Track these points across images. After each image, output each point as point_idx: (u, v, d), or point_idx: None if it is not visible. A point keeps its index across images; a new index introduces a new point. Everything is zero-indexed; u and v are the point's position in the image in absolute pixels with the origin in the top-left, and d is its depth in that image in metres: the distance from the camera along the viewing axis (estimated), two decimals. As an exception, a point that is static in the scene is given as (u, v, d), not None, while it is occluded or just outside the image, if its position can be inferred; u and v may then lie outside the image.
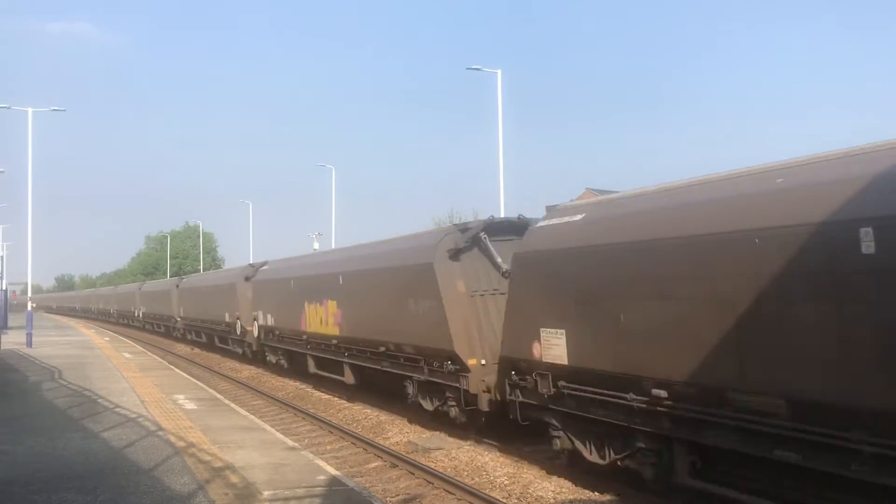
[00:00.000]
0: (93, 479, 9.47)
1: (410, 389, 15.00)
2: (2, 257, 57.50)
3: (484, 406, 12.60)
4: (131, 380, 20.62)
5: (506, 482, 11.03)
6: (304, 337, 20.98)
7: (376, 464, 12.65)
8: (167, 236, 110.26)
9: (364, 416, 16.99)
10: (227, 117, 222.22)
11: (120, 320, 64.05)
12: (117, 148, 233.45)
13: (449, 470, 11.86)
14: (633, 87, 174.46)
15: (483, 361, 12.65)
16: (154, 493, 8.84)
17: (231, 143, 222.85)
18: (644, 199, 9.48)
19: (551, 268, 10.39)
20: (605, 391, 9.33)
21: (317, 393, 20.78)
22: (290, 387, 22.57)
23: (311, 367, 20.92)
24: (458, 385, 13.02)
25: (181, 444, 11.72)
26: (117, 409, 15.15)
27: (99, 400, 16.54)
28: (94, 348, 33.47)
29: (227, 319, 29.89)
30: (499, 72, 31.47)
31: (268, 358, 25.38)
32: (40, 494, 8.78)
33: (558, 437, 10.69)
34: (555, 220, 10.89)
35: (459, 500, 10.23)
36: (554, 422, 10.71)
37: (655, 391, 8.49)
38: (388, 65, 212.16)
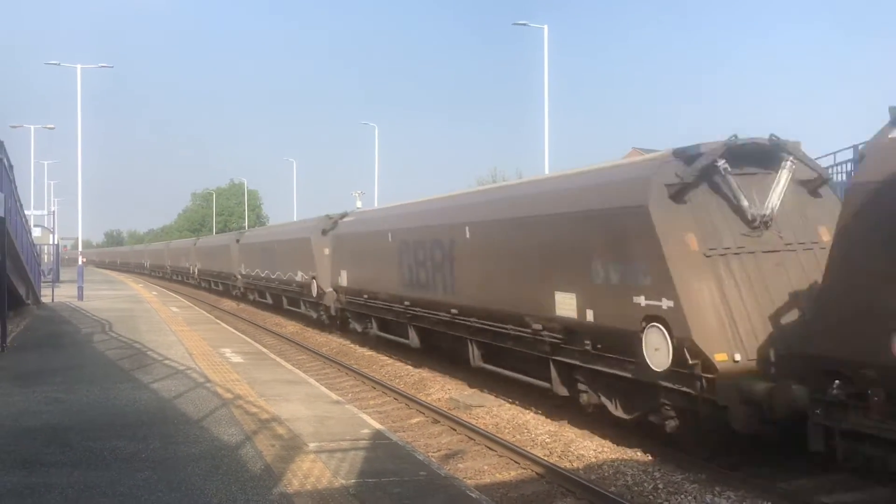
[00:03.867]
0: (143, 428, 9.73)
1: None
2: (54, 212, 58.93)
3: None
4: (179, 333, 21.05)
5: (547, 440, 11.08)
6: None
7: (418, 419, 12.79)
8: (213, 193, 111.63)
9: (406, 372, 17.16)
10: (273, 75, 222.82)
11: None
12: (165, 105, 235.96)
13: (490, 427, 11.95)
14: (682, 44, 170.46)
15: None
16: (202, 442, 9.05)
17: (276, 101, 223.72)
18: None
19: None
20: None
21: (360, 349, 21.04)
22: (334, 343, 22.87)
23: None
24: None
25: (228, 395, 11.96)
26: (166, 362, 15.50)
27: (148, 352, 16.93)
28: (143, 302, 34.21)
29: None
30: (545, 27, 31.03)
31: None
32: (95, 441, 9.05)
33: None
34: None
35: (500, 456, 10.31)
36: None
37: None
38: (434, 20, 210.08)
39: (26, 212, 33.54)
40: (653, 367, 9.21)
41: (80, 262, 39.03)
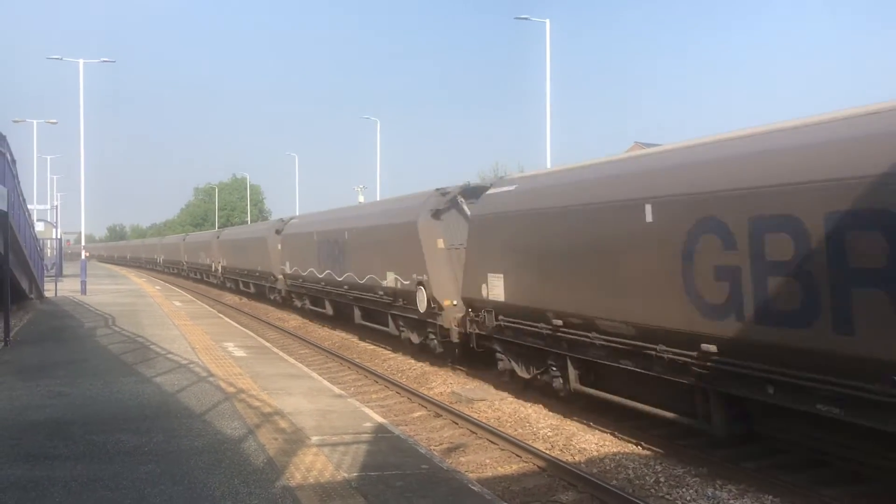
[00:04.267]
0: (146, 422, 9.76)
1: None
2: (56, 207, 58.97)
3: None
4: (182, 327, 21.09)
5: (549, 434, 11.11)
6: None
7: (420, 413, 12.82)
8: (215, 188, 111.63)
9: (408, 366, 17.20)
10: (275, 70, 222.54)
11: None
12: (168, 101, 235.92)
13: (492, 421, 11.98)
14: (682, 39, 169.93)
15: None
16: (206, 436, 9.08)
17: (278, 96, 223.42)
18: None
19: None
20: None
21: (362, 343, 21.07)
22: (335, 337, 22.91)
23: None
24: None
25: (231, 389, 12.00)
26: (169, 356, 15.53)
27: (151, 346, 16.97)
28: (146, 296, 34.27)
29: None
30: (547, 21, 30.98)
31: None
32: (97, 435, 9.08)
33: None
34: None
35: (503, 450, 10.33)
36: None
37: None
38: (436, 15, 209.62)
39: (29, 206, 33.57)
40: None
41: (82, 257, 39.11)
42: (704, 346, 8.46)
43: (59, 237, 55.13)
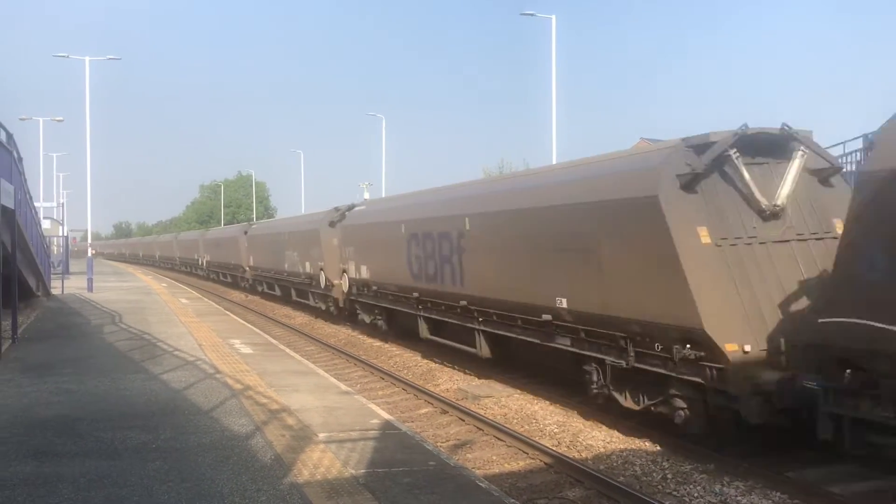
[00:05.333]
0: (154, 419, 9.78)
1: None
2: (63, 204, 59.16)
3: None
4: (188, 324, 21.13)
5: (555, 430, 11.11)
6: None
7: (427, 410, 12.83)
8: (221, 185, 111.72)
9: (414, 363, 17.21)
10: (280, 67, 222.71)
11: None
12: (174, 98, 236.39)
13: (499, 417, 11.98)
14: (686, 34, 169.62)
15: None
16: (213, 433, 9.10)
17: (284, 93, 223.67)
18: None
19: None
20: None
21: (368, 340, 21.09)
22: (342, 334, 22.93)
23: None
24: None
25: (238, 386, 12.02)
26: (176, 353, 15.56)
27: (158, 343, 17.01)
28: (152, 294, 34.33)
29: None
30: (553, 17, 30.87)
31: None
32: (105, 432, 9.11)
33: None
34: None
35: (509, 446, 10.33)
36: None
37: None
38: (441, 10, 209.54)
39: (35, 204, 33.67)
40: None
41: (89, 254, 39.20)
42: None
43: (65, 234, 55.28)
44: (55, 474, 7.47)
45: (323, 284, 24.58)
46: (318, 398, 11.33)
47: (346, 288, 22.31)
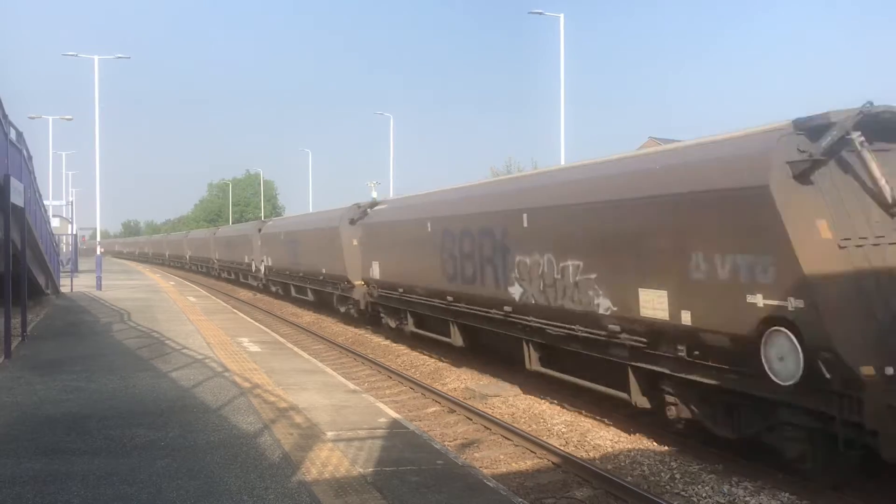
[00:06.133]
0: (163, 417, 9.82)
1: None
2: (72, 203, 59.39)
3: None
4: (197, 323, 21.19)
5: (563, 430, 11.09)
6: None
7: (434, 409, 12.83)
8: (229, 184, 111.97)
9: (422, 362, 17.22)
10: (289, 66, 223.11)
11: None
12: (182, 97, 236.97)
13: (506, 416, 11.97)
14: (695, 33, 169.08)
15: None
16: (221, 431, 9.12)
17: (292, 93, 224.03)
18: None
19: None
20: None
21: (375, 339, 21.11)
22: (349, 332, 22.95)
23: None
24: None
25: (246, 385, 12.04)
26: (184, 351, 15.61)
27: (166, 341, 17.06)
28: (160, 292, 34.43)
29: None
30: (561, 16, 30.89)
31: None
32: (114, 430, 9.14)
33: None
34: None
35: (517, 446, 10.33)
36: None
37: None
38: (449, 10, 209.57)
39: (45, 202, 33.80)
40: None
41: (98, 252, 39.34)
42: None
43: (74, 233, 55.49)
44: (64, 471, 7.50)
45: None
46: (325, 397, 11.35)
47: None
